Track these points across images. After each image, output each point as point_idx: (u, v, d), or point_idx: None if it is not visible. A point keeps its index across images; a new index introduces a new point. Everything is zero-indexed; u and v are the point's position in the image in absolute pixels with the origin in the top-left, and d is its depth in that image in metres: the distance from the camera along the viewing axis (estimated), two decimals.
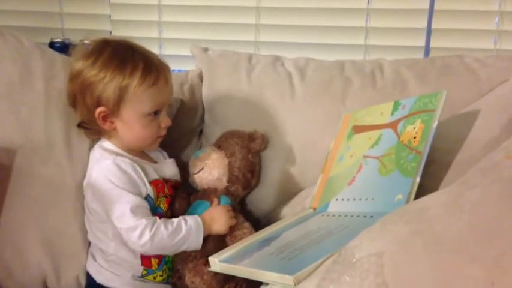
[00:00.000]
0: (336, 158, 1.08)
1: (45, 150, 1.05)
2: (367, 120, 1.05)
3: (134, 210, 0.94)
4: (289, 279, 0.72)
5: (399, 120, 0.97)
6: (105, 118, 1.00)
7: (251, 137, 1.14)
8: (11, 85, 1.06)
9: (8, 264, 1.02)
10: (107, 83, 0.97)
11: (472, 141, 0.94)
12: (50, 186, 1.05)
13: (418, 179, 0.85)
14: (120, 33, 1.72)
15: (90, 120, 1.01)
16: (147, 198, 0.99)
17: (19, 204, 1.02)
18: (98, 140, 1.07)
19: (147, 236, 0.93)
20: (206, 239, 0.99)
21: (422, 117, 0.91)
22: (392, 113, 0.99)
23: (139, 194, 0.98)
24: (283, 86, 1.22)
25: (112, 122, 1.00)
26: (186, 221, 0.98)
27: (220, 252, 0.93)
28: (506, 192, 0.63)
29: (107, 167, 0.98)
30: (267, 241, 0.94)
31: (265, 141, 1.16)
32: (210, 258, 0.91)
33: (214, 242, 1.01)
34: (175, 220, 0.98)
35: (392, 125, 0.98)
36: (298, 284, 0.71)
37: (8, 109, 1.04)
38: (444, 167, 0.91)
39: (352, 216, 0.93)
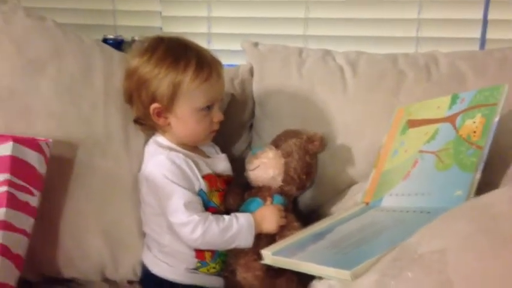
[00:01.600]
0: (390, 153, 1.06)
1: (105, 144, 1.09)
2: (423, 114, 1.03)
3: (187, 206, 0.97)
4: (346, 274, 0.72)
5: (457, 114, 0.94)
6: (159, 114, 1.02)
7: (310, 138, 1.13)
8: (72, 81, 1.09)
9: (69, 253, 1.06)
10: (161, 80, 0.99)
11: None
12: (109, 179, 1.08)
13: (478, 175, 0.83)
14: (170, 29, 1.74)
15: (146, 116, 1.04)
16: (200, 192, 1.01)
17: (80, 196, 1.06)
18: (152, 135, 1.09)
19: (198, 232, 0.96)
20: (258, 236, 1.00)
21: (482, 111, 0.89)
22: (450, 107, 0.97)
23: (192, 189, 1.00)
24: (335, 81, 1.21)
25: (166, 118, 1.02)
26: (237, 218, 0.99)
27: (273, 245, 0.94)
28: None
29: (161, 162, 1.00)
30: (320, 235, 0.94)
31: (323, 144, 1.15)
32: (263, 251, 0.92)
33: (266, 240, 1.02)
34: (227, 217, 0.99)
35: (450, 119, 0.95)
36: (355, 279, 0.71)
37: (70, 104, 1.08)
38: (505, 163, 0.88)
39: (408, 211, 0.91)
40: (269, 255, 0.91)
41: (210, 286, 1.04)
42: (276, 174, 1.09)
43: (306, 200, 1.20)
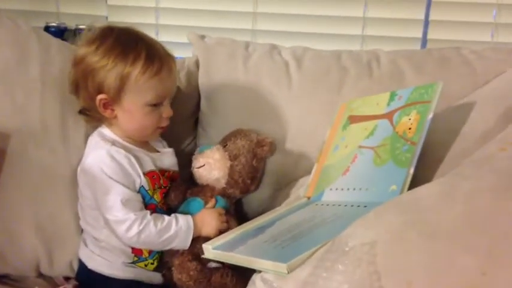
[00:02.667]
0: (331, 148, 1.08)
1: (40, 135, 1.05)
2: (363, 110, 1.05)
3: (124, 203, 0.94)
4: (282, 266, 0.72)
5: (395, 110, 0.97)
6: (106, 106, 0.99)
7: (259, 142, 1.12)
8: (6, 69, 1.05)
9: (2, 248, 1.02)
10: (109, 71, 0.96)
11: (467, 133, 0.94)
12: (44, 172, 1.05)
13: (412, 170, 0.85)
14: (117, 18, 1.70)
15: (92, 107, 1.00)
16: (140, 189, 0.99)
17: (13, 188, 1.02)
18: (96, 127, 1.05)
19: (134, 231, 0.93)
20: (195, 238, 0.99)
21: (418, 108, 0.91)
22: (389, 104, 0.99)
23: (131, 186, 0.97)
24: (280, 75, 1.21)
25: (113, 110, 0.99)
26: (177, 220, 0.98)
27: (213, 239, 0.94)
28: (500, 184, 0.64)
29: (100, 156, 0.97)
30: (261, 229, 0.94)
31: (272, 149, 1.14)
32: (204, 245, 0.91)
33: (204, 241, 0.98)
34: (166, 218, 0.97)
35: (388, 116, 0.98)
36: (291, 271, 0.72)
37: (3, 93, 1.03)
38: (438, 159, 0.91)
39: (346, 205, 0.93)
40: (210, 249, 0.90)
41: (147, 281, 1.03)
42: (220, 176, 1.08)
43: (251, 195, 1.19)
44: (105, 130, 1.03)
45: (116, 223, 0.95)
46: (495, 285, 0.54)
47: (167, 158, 1.08)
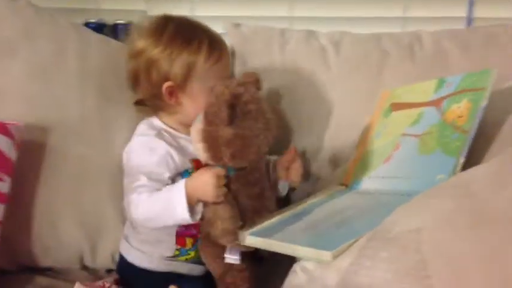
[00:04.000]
0: (372, 135, 1.04)
1: (80, 129, 1.06)
2: (407, 97, 1.01)
3: (137, 189, 0.93)
4: (326, 254, 0.69)
5: (443, 98, 0.92)
6: (171, 93, 0.99)
7: (236, 89, 0.90)
8: (45, 63, 1.06)
9: (45, 241, 1.03)
10: (174, 60, 0.97)
11: None
12: (85, 165, 1.05)
13: (462, 159, 0.80)
14: (154, 11, 1.69)
15: (154, 96, 1.00)
16: (184, 173, 0.97)
17: (54, 182, 1.03)
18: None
19: (132, 208, 0.93)
20: (210, 223, 0.91)
21: (469, 96, 0.86)
22: (436, 91, 0.94)
23: (159, 175, 0.95)
24: (318, 61, 1.18)
25: (178, 97, 1.00)
26: (170, 186, 0.93)
27: (251, 226, 0.91)
28: None
29: (139, 142, 0.99)
30: (298, 216, 0.91)
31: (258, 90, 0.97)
32: (241, 233, 0.89)
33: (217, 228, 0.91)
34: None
35: (436, 103, 0.93)
36: (335, 258, 0.69)
37: (42, 87, 1.05)
38: (488, 141, 0.86)
39: (387, 194, 0.89)
40: (246, 236, 0.88)
41: (188, 273, 1.02)
42: (198, 148, 0.93)
43: None
44: (154, 120, 1.03)
45: (128, 204, 0.95)
46: None
47: None
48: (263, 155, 0.97)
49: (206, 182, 0.90)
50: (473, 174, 0.65)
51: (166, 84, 0.98)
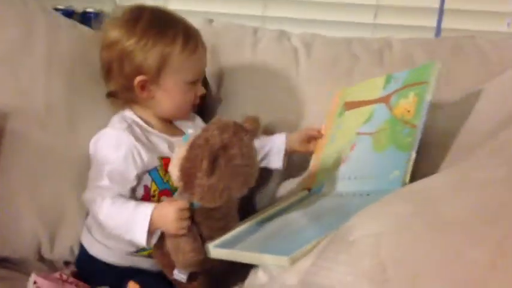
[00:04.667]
0: (329, 137, 1.05)
1: (45, 117, 1.03)
2: (359, 95, 1.02)
3: (102, 191, 0.92)
4: (283, 260, 0.70)
5: (392, 93, 0.93)
6: (143, 87, 0.97)
7: (208, 139, 0.82)
8: (12, 48, 1.03)
9: (2, 230, 1.00)
10: (148, 51, 0.95)
11: (478, 123, 0.91)
12: (48, 153, 1.03)
13: (413, 154, 0.82)
14: (125, 2, 1.68)
15: (126, 89, 0.99)
16: (152, 172, 0.96)
17: (14, 169, 1.00)
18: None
19: (95, 210, 0.91)
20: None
21: (415, 89, 0.88)
22: (385, 87, 0.96)
23: (123, 176, 0.93)
24: (289, 61, 1.19)
25: (150, 91, 0.98)
26: (137, 205, 0.90)
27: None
28: None
29: (107, 135, 0.97)
30: (260, 224, 0.92)
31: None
32: (206, 245, 0.88)
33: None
34: (129, 202, 0.91)
35: (385, 99, 0.94)
36: (293, 264, 0.69)
37: (7, 73, 1.02)
38: (446, 148, 0.88)
39: (348, 196, 0.90)
40: (210, 248, 0.87)
41: (149, 269, 1.00)
42: (173, 174, 0.89)
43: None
44: (127, 112, 1.01)
45: (90, 201, 0.93)
46: (506, 279, 0.51)
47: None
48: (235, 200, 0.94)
49: (168, 215, 0.86)
50: (432, 181, 0.66)
51: (138, 78, 0.96)
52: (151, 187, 0.97)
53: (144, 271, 1.00)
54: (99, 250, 1.00)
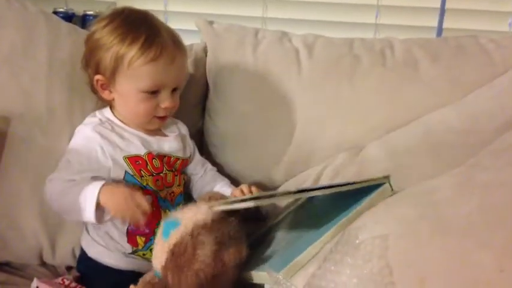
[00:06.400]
0: None
1: (46, 120, 1.03)
2: None
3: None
4: (275, 276, 0.69)
5: None
6: (103, 86, 0.97)
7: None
8: (13, 52, 1.03)
9: (4, 234, 1.00)
10: (106, 50, 0.94)
11: (484, 124, 0.90)
12: (49, 157, 1.02)
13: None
14: (124, 3, 1.66)
15: (93, 86, 0.99)
16: (126, 176, 0.95)
17: (16, 173, 1.00)
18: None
19: (47, 184, 0.92)
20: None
21: None
22: None
23: (89, 170, 0.93)
24: (290, 62, 1.18)
25: (110, 92, 0.97)
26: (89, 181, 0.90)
27: None
28: None
29: (77, 130, 0.98)
30: (258, 241, 0.92)
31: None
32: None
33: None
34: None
35: None
36: (289, 277, 0.68)
37: (8, 76, 1.01)
38: (450, 149, 0.88)
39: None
40: None
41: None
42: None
43: (262, 180, 1.16)
44: (105, 110, 1.01)
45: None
46: None
47: (168, 143, 1.03)
48: None
49: (119, 196, 0.86)
50: (437, 184, 0.66)
51: (96, 77, 0.96)
52: None
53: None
54: (96, 251, 0.98)
